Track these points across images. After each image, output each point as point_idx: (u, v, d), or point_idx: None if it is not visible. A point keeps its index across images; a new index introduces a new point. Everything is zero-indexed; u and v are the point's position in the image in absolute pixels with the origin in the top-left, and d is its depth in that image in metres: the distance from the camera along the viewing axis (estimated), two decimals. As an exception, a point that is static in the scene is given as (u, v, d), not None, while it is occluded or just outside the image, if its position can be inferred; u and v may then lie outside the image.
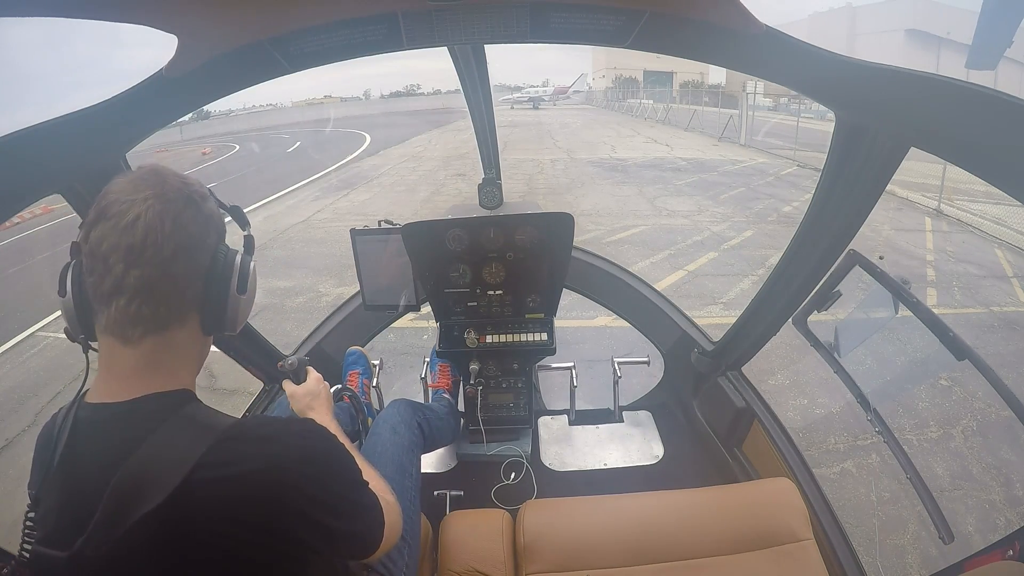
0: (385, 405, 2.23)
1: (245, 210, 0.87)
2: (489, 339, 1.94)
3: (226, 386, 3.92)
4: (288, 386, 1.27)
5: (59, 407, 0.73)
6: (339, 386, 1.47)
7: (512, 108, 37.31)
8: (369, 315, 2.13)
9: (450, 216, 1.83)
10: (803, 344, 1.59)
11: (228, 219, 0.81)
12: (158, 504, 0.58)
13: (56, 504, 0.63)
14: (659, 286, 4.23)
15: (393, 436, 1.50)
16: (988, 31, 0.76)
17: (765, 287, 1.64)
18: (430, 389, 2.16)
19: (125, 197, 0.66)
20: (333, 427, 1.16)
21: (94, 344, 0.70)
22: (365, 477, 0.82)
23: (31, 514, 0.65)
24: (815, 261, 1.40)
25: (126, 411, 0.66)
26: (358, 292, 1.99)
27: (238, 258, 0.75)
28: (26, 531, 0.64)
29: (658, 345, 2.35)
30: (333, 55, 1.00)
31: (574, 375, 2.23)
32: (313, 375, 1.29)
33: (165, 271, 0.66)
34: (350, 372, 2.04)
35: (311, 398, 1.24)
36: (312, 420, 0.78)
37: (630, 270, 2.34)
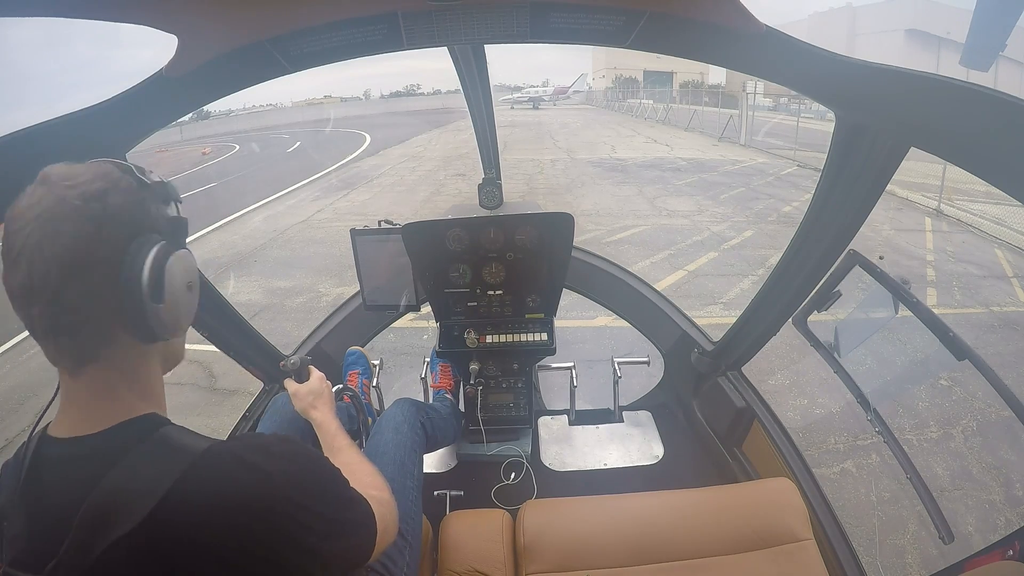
0: (385, 405, 2.24)
1: (245, 210, 0.83)
2: (489, 339, 1.94)
3: (226, 386, 3.92)
4: (290, 385, 1.28)
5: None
6: (340, 386, 1.47)
7: (512, 108, 37.32)
8: (369, 315, 2.13)
9: (450, 216, 1.83)
10: (803, 344, 1.59)
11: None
12: (129, 530, 0.56)
13: (25, 531, 0.61)
14: (659, 286, 4.24)
15: (396, 436, 1.50)
16: (981, 34, 0.76)
17: (765, 287, 1.64)
18: (432, 389, 2.16)
19: (12, 227, 0.60)
20: (335, 425, 1.18)
21: None
22: (361, 474, 0.81)
23: None
24: (815, 261, 1.40)
25: (92, 445, 0.63)
26: (358, 292, 1.99)
27: (148, 260, 0.62)
28: None
29: (658, 345, 2.35)
30: (333, 55, 1.00)
31: (574, 375, 2.23)
32: (316, 374, 1.30)
33: (60, 303, 0.59)
34: (350, 372, 2.04)
35: (314, 397, 1.24)
36: (296, 440, 0.74)
37: (630, 270, 2.34)
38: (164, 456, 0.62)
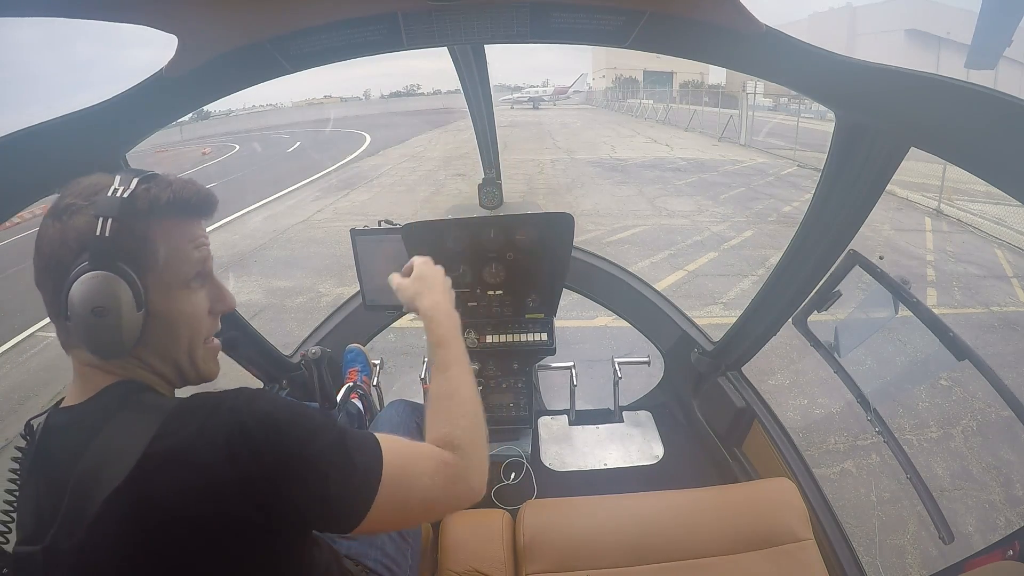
0: (385, 405, 2.24)
1: (246, 209, 0.82)
2: (489, 339, 1.94)
3: (227, 386, 3.91)
4: (395, 279, 1.12)
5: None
6: (350, 384, 1.46)
7: (512, 108, 37.31)
8: (369, 315, 2.13)
9: (450, 216, 1.83)
10: (803, 344, 1.59)
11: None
12: (118, 486, 0.57)
13: (32, 506, 0.64)
14: (659, 286, 4.23)
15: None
16: (987, 31, 0.76)
17: (765, 287, 1.64)
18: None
19: None
20: (454, 319, 0.99)
21: None
22: (394, 445, 0.74)
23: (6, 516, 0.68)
24: (815, 261, 1.40)
25: (82, 409, 0.67)
26: (358, 292, 1.99)
27: (71, 283, 0.64)
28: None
29: (658, 345, 2.35)
30: (333, 55, 1.00)
31: (574, 375, 2.23)
32: (418, 260, 1.11)
33: (44, 299, 0.68)
34: (349, 369, 2.03)
35: (420, 283, 1.05)
36: (263, 390, 0.73)
37: (630, 270, 2.34)
38: (142, 416, 0.63)
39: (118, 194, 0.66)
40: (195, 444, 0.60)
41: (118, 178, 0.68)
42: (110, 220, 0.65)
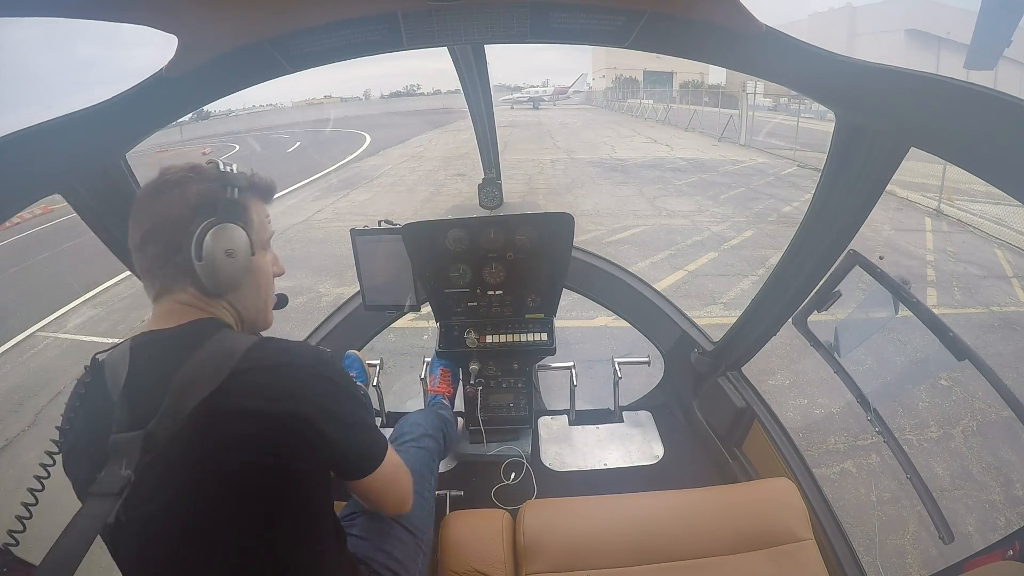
0: (386, 405, 2.24)
1: None
2: (489, 339, 1.94)
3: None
4: None
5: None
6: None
7: (512, 108, 37.30)
8: (369, 315, 2.13)
9: (450, 216, 1.83)
10: (803, 344, 1.59)
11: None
12: (209, 393, 0.75)
13: (127, 405, 0.78)
14: (659, 286, 4.23)
15: (417, 446, 1.54)
16: (987, 31, 0.76)
17: (765, 287, 1.64)
18: (428, 393, 2.16)
19: (135, 203, 0.86)
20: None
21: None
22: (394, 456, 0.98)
23: (60, 443, 0.82)
24: (815, 261, 1.40)
25: (175, 332, 0.83)
26: (358, 292, 1.99)
27: (197, 230, 0.83)
28: (51, 453, 0.82)
29: (658, 345, 2.35)
30: (333, 55, 1.00)
31: (574, 375, 2.23)
32: None
33: (146, 254, 0.84)
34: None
35: None
36: (332, 355, 0.93)
37: (630, 270, 2.34)
38: (227, 347, 0.81)
39: (232, 170, 0.89)
40: (273, 373, 0.80)
41: (221, 162, 0.89)
42: (236, 189, 0.88)
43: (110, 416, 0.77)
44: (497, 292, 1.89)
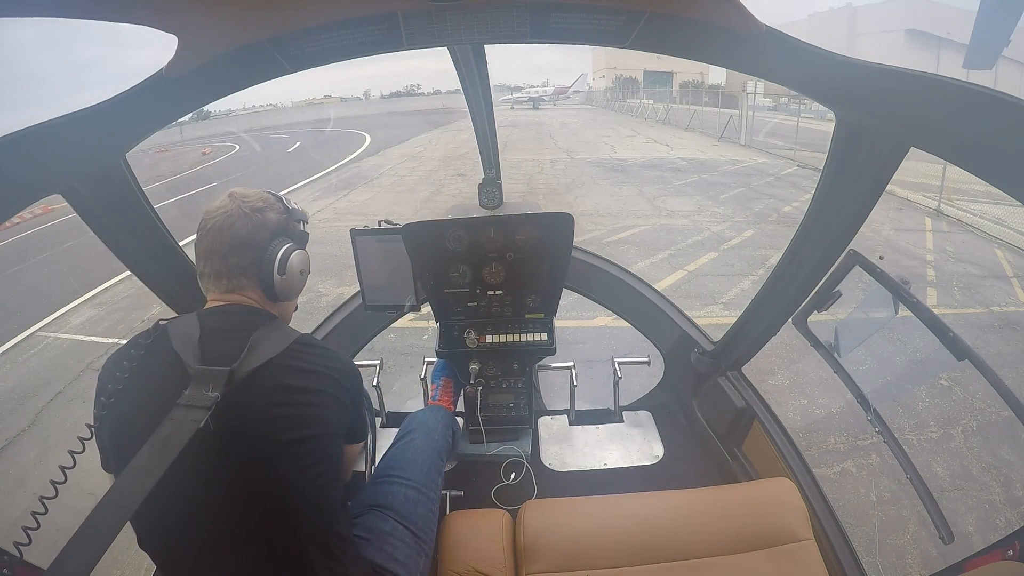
0: (386, 405, 2.24)
1: None
2: (489, 339, 1.94)
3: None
4: None
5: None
6: None
7: (512, 108, 37.34)
8: (369, 315, 2.13)
9: (450, 216, 1.83)
10: (803, 344, 1.59)
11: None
12: (274, 355, 0.98)
13: (203, 352, 0.97)
14: (659, 286, 4.23)
15: (427, 442, 1.57)
16: (986, 31, 0.76)
17: (765, 287, 1.64)
18: (429, 400, 2.16)
19: (206, 217, 1.07)
20: None
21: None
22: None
23: (108, 401, 0.94)
24: (815, 261, 1.40)
25: (244, 310, 1.06)
26: (358, 292, 1.99)
27: (280, 251, 1.09)
28: (97, 411, 0.95)
29: (658, 345, 2.35)
30: (333, 55, 1.00)
31: (574, 375, 2.23)
32: None
33: (228, 262, 1.06)
34: None
35: None
36: (357, 367, 1.18)
37: (630, 270, 2.34)
38: (283, 330, 1.05)
39: (294, 206, 1.17)
40: (319, 355, 1.05)
41: (283, 198, 1.15)
42: (303, 223, 1.19)
43: (174, 365, 0.94)
44: (497, 292, 1.89)
